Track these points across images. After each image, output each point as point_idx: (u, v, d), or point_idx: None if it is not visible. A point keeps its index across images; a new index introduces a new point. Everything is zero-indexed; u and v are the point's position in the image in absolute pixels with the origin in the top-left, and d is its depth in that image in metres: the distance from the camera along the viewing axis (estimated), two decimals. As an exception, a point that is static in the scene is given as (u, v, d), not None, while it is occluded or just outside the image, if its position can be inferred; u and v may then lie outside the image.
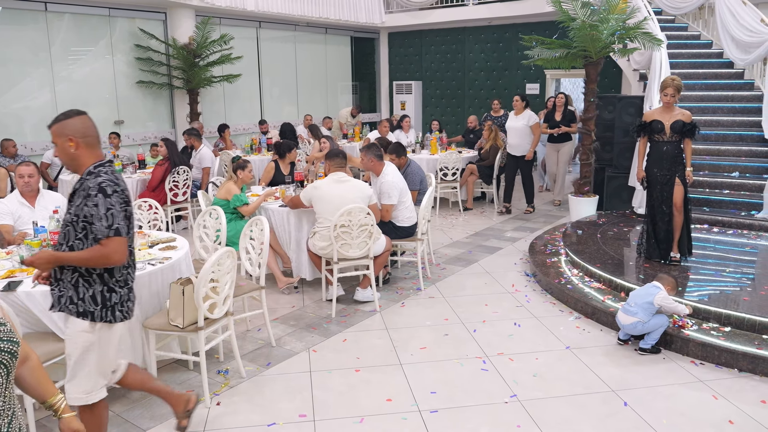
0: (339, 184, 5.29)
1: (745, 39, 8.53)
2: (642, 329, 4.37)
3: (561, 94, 9.50)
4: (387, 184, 5.75)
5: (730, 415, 3.62)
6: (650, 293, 4.39)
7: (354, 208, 5.07)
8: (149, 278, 3.94)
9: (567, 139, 9.53)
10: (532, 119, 8.92)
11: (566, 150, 9.59)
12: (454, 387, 4.01)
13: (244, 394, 3.97)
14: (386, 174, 5.82)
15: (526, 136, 8.89)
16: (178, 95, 11.05)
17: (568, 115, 9.40)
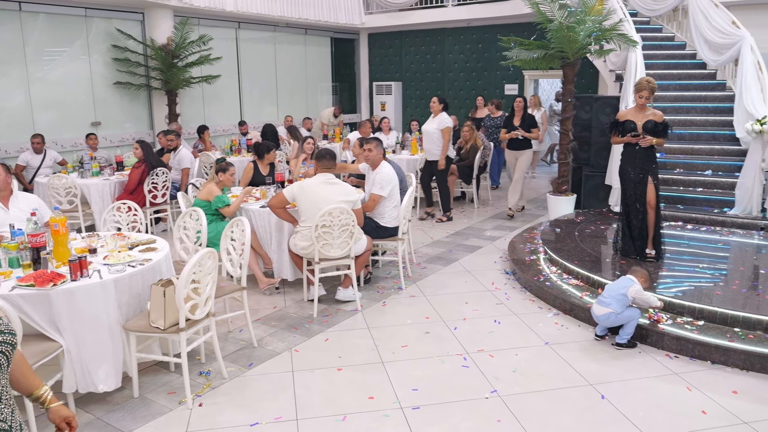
0: (327, 185, 5.32)
1: (717, 40, 8.70)
2: (615, 320, 4.47)
3: (519, 98, 8.96)
4: (382, 175, 5.86)
5: (704, 405, 3.72)
6: (624, 285, 4.49)
7: (335, 209, 5.10)
8: (130, 280, 3.94)
9: (527, 146, 8.88)
10: (443, 123, 8.51)
11: (525, 158, 8.90)
12: (436, 384, 4.06)
13: (226, 394, 3.98)
14: (384, 166, 5.96)
15: (439, 140, 8.51)
16: (156, 96, 10.98)
17: (528, 120, 8.79)
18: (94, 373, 3.75)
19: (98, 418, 3.68)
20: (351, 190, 5.43)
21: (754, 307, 4.55)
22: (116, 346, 3.85)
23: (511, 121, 8.86)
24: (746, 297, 4.83)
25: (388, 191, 5.83)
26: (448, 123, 8.53)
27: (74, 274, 3.71)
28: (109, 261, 4.07)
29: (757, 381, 4.01)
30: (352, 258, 5.37)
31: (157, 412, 3.75)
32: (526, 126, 8.73)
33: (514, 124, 8.77)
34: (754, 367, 4.11)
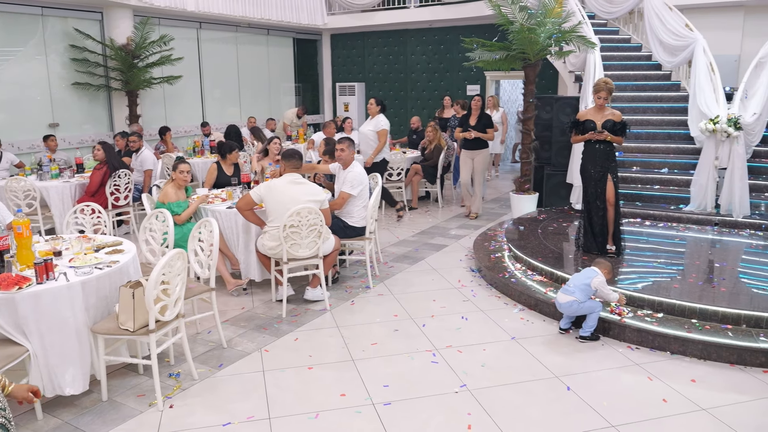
0: (294, 185, 5.32)
1: (671, 43, 8.99)
2: (577, 309, 4.61)
3: (477, 97, 8.54)
4: (354, 174, 5.91)
5: (664, 394, 3.86)
6: (588, 276, 4.63)
7: (303, 209, 5.11)
8: (97, 283, 3.89)
9: (483, 146, 8.58)
10: (380, 125, 8.48)
11: (482, 158, 8.61)
12: (406, 380, 4.12)
13: (197, 395, 3.97)
14: (355, 166, 6.01)
15: (374, 142, 8.46)
16: (116, 97, 10.80)
17: (484, 120, 8.50)
18: (61, 377, 3.70)
19: (67, 422, 3.63)
20: (318, 189, 5.45)
21: (709, 299, 4.74)
22: (84, 349, 3.80)
23: (467, 121, 8.55)
24: (702, 289, 5.02)
25: (358, 191, 5.88)
26: (384, 125, 8.49)
27: (40, 277, 3.65)
28: (76, 263, 4.02)
29: (713, 369, 4.18)
30: (321, 258, 5.40)
31: (127, 415, 3.71)
32: (482, 126, 8.44)
33: (470, 123, 8.48)
34: (710, 356, 4.28)
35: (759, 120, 7.25)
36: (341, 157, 6.02)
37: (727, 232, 6.75)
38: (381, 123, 8.51)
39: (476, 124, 8.41)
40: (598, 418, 3.61)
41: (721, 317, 4.53)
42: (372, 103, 8.60)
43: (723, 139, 6.83)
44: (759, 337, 4.29)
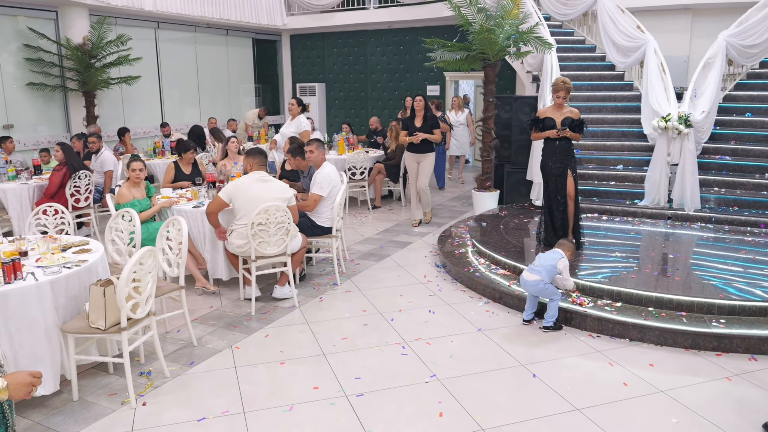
0: (261, 183, 5.36)
1: (624, 44, 9.30)
2: (542, 289, 4.78)
3: (419, 96, 8.09)
4: (322, 176, 5.96)
5: (625, 378, 4.04)
6: (554, 258, 4.82)
7: (271, 206, 5.15)
8: (66, 282, 3.87)
9: (429, 149, 8.14)
10: (301, 126, 8.42)
11: (428, 162, 8.17)
12: (377, 372, 4.20)
13: (169, 393, 3.97)
14: (325, 167, 6.06)
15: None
16: (73, 98, 10.60)
17: (430, 121, 8.08)
18: (31, 378, 3.66)
19: (38, 423, 3.60)
20: (285, 187, 5.50)
21: (664, 288, 4.96)
22: (54, 348, 3.78)
23: (412, 122, 8.12)
24: (657, 279, 5.25)
25: (327, 191, 5.93)
26: (306, 127, 8.42)
27: (8, 277, 3.62)
28: (43, 263, 3.98)
29: (669, 354, 4.39)
30: (289, 255, 5.44)
31: (100, 414, 3.70)
32: (428, 127, 8.03)
33: (415, 125, 8.06)
34: (666, 342, 4.49)
35: (707, 118, 7.59)
36: (311, 159, 6.08)
37: (679, 226, 7.04)
38: (303, 124, 8.44)
39: (422, 125, 8.02)
40: (562, 402, 3.76)
41: (675, 305, 4.75)
42: (293, 104, 8.49)
43: (674, 136, 7.12)
44: (711, 323, 4.52)
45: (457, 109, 11.67)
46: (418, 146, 8.08)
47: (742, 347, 4.35)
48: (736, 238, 6.51)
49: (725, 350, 4.37)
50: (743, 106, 8.76)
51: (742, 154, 7.97)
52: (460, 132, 11.58)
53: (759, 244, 6.26)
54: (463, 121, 11.53)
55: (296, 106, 8.47)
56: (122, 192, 5.76)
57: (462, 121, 11.52)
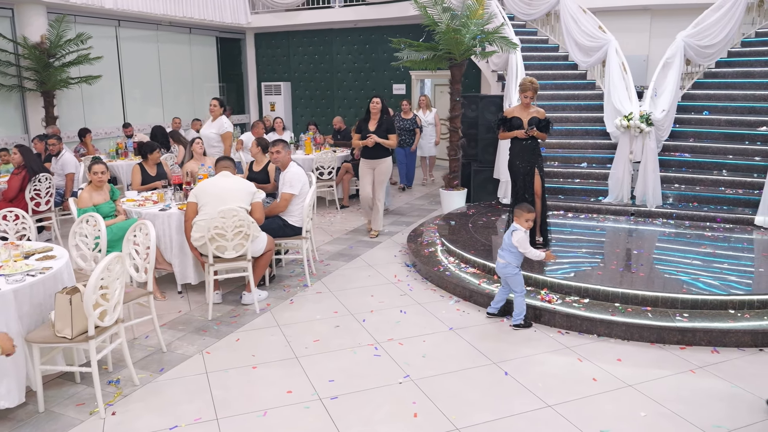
0: (223, 178, 5.41)
1: (586, 44, 9.47)
2: (510, 272, 4.83)
3: (376, 99, 7.48)
4: (292, 174, 5.95)
5: (594, 373, 4.13)
6: (509, 235, 4.85)
7: (228, 210, 5.09)
8: (30, 290, 3.77)
9: (385, 154, 7.55)
10: (224, 128, 8.14)
11: (383, 169, 7.54)
12: (351, 374, 4.20)
13: (140, 401, 3.91)
14: (293, 166, 6.04)
15: (218, 145, 8.14)
16: (31, 98, 10.32)
17: (386, 124, 7.48)
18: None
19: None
20: (248, 182, 5.50)
21: (630, 284, 5.08)
22: (18, 359, 3.67)
23: (366, 125, 7.49)
24: (623, 275, 5.37)
25: (299, 189, 5.92)
26: (228, 128, 8.11)
27: (-31, 286, 3.51)
28: (5, 271, 3.87)
29: (636, 349, 4.49)
30: (250, 260, 5.36)
31: (68, 425, 3.62)
32: (383, 131, 7.41)
33: (369, 128, 7.43)
34: (633, 336, 4.60)
35: (667, 116, 7.78)
36: (278, 160, 6.05)
37: (642, 222, 7.21)
38: (225, 125, 8.13)
39: (376, 129, 7.41)
40: (534, 398, 3.82)
41: (641, 300, 4.86)
42: (215, 105, 8.13)
43: (636, 134, 7.28)
44: (675, 317, 4.64)
45: (424, 109, 11.29)
46: (372, 151, 7.44)
47: (705, 340, 4.47)
48: (696, 233, 6.69)
49: (689, 343, 4.49)
50: (701, 104, 9.00)
51: (700, 151, 8.19)
52: (429, 132, 11.18)
53: (718, 239, 6.44)
54: (431, 120, 11.20)
55: (218, 107, 8.14)
56: (83, 196, 5.64)
57: (430, 120, 11.20)
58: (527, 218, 4.84)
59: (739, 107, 8.68)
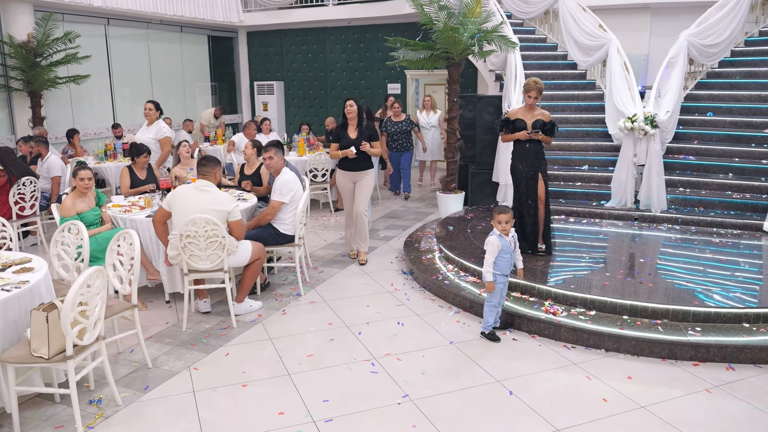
0: (198, 192, 5.01)
1: (586, 42, 9.25)
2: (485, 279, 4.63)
3: (350, 101, 6.50)
4: (282, 181, 5.68)
5: (604, 393, 3.90)
6: None
7: (199, 219, 4.82)
8: (4, 306, 3.53)
9: (368, 166, 6.55)
10: (162, 132, 7.70)
11: (367, 182, 6.56)
12: (346, 393, 3.97)
13: (122, 423, 3.67)
14: (285, 172, 5.77)
15: (157, 151, 7.66)
16: (17, 98, 10.03)
17: (367, 131, 6.49)
18: (-35, 414, 3.33)
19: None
20: (225, 200, 5.06)
21: (638, 295, 4.86)
22: (-10, 381, 3.44)
23: (344, 132, 6.54)
24: (630, 286, 5.15)
25: (289, 197, 5.66)
26: (166, 132, 7.71)
27: (-64, 304, 3.27)
28: (-22, 286, 3.62)
29: (646, 365, 4.27)
30: (227, 271, 5.11)
31: (44, 451, 3.39)
32: (364, 139, 6.44)
33: (349, 136, 6.48)
34: (643, 352, 4.38)
35: (671, 117, 7.57)
36: (270, 165, 5.79)
37: (647, 227, 6.99)
38: (163, 129, 7.70)
39: (357, 136, 6.44)
40: (541, 421, 3.60)
41: (650, 313, 4.64)
42: (150, 108, 7.65)
43: (641, 136, 7.07)
44: (687, 331, 4.43)
45: (429, 110, 10.49)
46: (353, 162, 6.49)
47: (719, 356, 4.26)
48: (703, 239, 6.48)
49: (702, 359, 4.28)
50: (704, 105, 8.80)
51: (705, 153, 7.98)
52: (432, 135, 10.39)
53: (726, 245, 6.24)
54: (435, 123, 10.38)
55: (154, 110, 7.67)
56: (66, 204, 5.36)
57: (434, 123, 10.38)
58: (499, 220, 4.58)
59: (744, 108, 8.48)
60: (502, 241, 4.57)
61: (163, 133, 7.70)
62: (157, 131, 7.71)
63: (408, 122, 10.01)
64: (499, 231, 4.58)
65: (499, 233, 4.58)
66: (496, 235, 4.58)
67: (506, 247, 4.58)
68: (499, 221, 4.58)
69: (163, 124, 7.78)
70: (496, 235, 4.58)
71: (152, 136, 7.70)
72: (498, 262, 4.56)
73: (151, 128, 7.75)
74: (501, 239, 4.57)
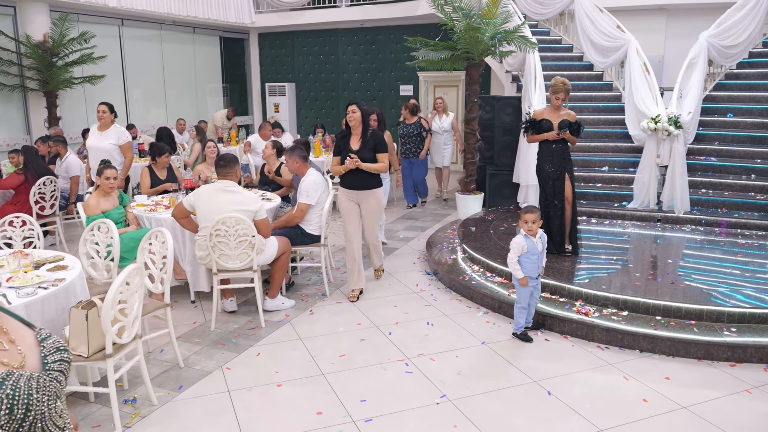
0: (222, 193, 4.99)
1: (603, 44, 9.21)
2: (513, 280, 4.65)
3: (353, 106, 5.55)
4: (308, 183, 5.62)
5: (643, 393, 3.87)
6: None
7: (229, 218, 4.80)
8: (42, 304, 3.51)
9: (375, 184, 5.60)
10: (122, 137, 7.04)
11: (373, 204, 5.65)
12: (383, 393, 3.94)
13: (159, 423, 3.64)
14: (310, 174, 5.70)
15: (119, 157, 6.99)
16: (33, 98, 10.04)
17: (372, 141, 5.52)
18: (5, 413, 3.29)
19: None
20: (250, 199, 5.03)
21: (670, 296, 4.82)
22: (29, 379, 3.41)
23: (346, 143, 5.57)
24: (662, 286, 5.12)
25: (315, 198, 5.61)
26: (126, 137, 7.09)
27: (-23, 301, 3.24)
28: (16, 283, 3.60)
29: (683, 366, 4.23)
30: (256, 270, 5.08)
31: (83, 450, 3.36)
32: (369, 150, 5.49)
33: (352, 147, 5.52)
34: (679, 352, 4.34)
35: (693, 118, 7.53)
36: (291, 168, 5.78)
37: (670, 228, 6.95)
38: (125, 134, 7.12)
39: (361, 147, 5.50)
40: (584, 422, 3.56)
41: (684, 313, 4.61)
42: (104, 111, 6.91)
43: (664, 137, 7.03)
44: (722, 332, 4.39)
45: (440, 113, 9.84)
46: (354, 178, 5.51)
47: (756, 357, 4.22)
48: (729, 240, 6.44)
49: (739, 360, 4.24)
50: (724, 106, 8.75)
51: (726, 155, 7.94)
52: (444, 140, 9.79)
53: (754, 246, 6.20)
54: (447, 127, 9.78)
55: (108, 113, 6.88)
56: (90, 203, 5.35)
57: (446, 127, 9.77)
58: (525, 219, 4.53)
59: (765, 109, 8.43)
60: (528, 242, 4.53)
61: (126, 138, 7.03)
62: (119, 136, 6.98)
63: (418, 125, 9.28)
64: (525, 231, 4.55)
65: (525, 233, 4.55)
66: (522, 236, 4.55)
67: (532, 248, 4.53)
68: (525, 221, 4.54)
69: (121, 129, 7.10)
70: (521, 236, 4.55)
71: (113, 141, 6.90)
72: (524, 263, 4.52)
73: (108, 133, 6.94)
74: (527, 239, 4.54)
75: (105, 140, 6.92)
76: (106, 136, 6.95)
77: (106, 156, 6.69)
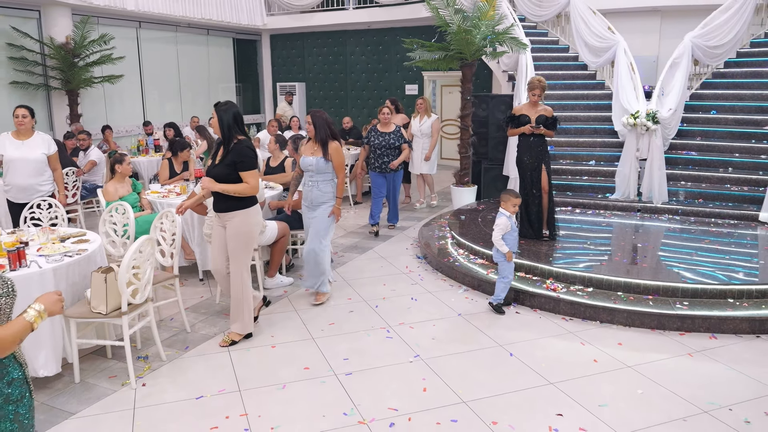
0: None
1: (595, 44, 9.66)
2: (500, 258, 5.11)
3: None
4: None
5: (595, 355, 4.35)
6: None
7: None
8: (67, 270, 4.06)
9: (240, 205, 4.51)
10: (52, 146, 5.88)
11: (238, 229, 4.55)
12: (364, 353, 4.45)
13: (167, 375, 4.18)
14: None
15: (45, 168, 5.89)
16: (56, 96, 10.68)
17: (233, 155, 4.38)
18: (34, 359, 3.85)
19: (43, 403, 3.78)
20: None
21: (633, 274, 5.29)
22: (55, 332, 3.97)
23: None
24: (627, 266, 5.58)
25: None
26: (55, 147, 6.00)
27: (13, 264, 3.80)
28: (45, 252, 4.16)
29: (637, 334, 4.70)
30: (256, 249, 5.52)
31: (102, 394, 3.90)
32: (227, 164, 4.43)
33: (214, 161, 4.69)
34: (634, 323, 4.81)
35: (674, 115, 7.96)
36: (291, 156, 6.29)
37: (648, 218, 7.39)
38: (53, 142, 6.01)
39: (218, 163, 4.48)
40: (537, 377, 4.05)
41: (642, 289, 5.07)
42: (25, 115, 5.66)
43: (643, 132, 7.47)
44: (675, 305, 4.85)
45: (422, 114, 9.00)
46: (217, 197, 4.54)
47: (704, 327, 4.68)
48: (700, 228, 6.87)
49: (688, 330, 4.70)
50: (708, 104, 9.16)
51: (707, 149, 8.35)
52: (424, 144, 8.98)
53: (722, 234, 6.62)
54: (427, 130, 8.94)
55: (30, 117, 5.66)
56: (109, 190, 5.98)
57: (425, 130, 8.94)
58: (514, 203, 5.11)
59: (747, 107, 8.82)
60: (511, 222, 5.05)
61: (55, 147, 5.95)
62: (49, 145, 5.86)
63: (397, 134, 7.89)
64: (510, 212, 5.06)
65: (510, 214, 5.05)
66: (506, 216, 5.05)
67: (513, 227, 5.07)
68: (513, 204, 5.11)
69: (48, 136, 5.99)
70: (506, 216, 5.06)
71: (44, 151, 5.78)
72: (507, 240, 5.04)
73: (33, 142, 5.75)
74: (510, 220, 5.05)
75: (32, 150, 5.71)
76: (30, 145, 5.72)
77: (32, 169, 5.74)
